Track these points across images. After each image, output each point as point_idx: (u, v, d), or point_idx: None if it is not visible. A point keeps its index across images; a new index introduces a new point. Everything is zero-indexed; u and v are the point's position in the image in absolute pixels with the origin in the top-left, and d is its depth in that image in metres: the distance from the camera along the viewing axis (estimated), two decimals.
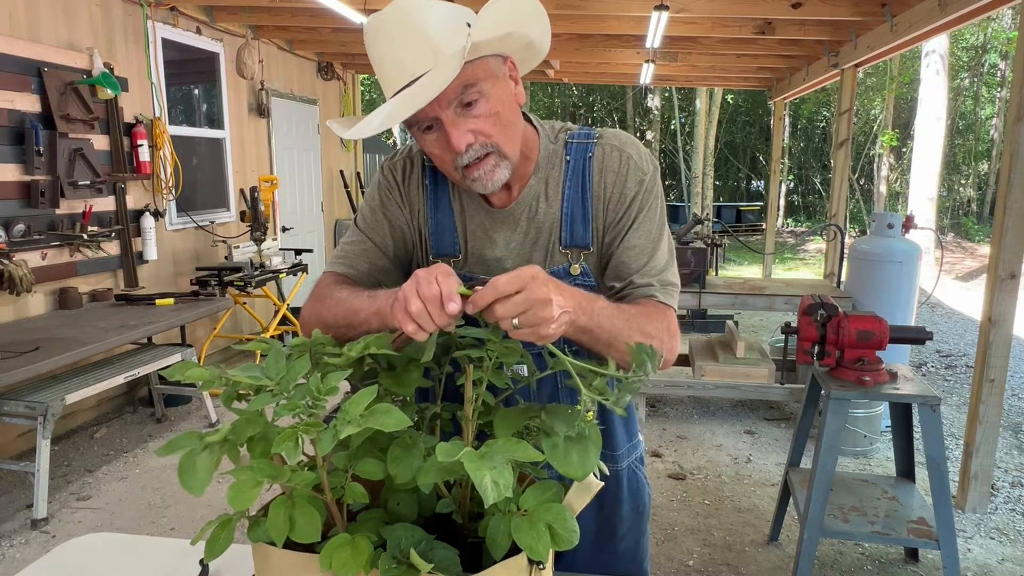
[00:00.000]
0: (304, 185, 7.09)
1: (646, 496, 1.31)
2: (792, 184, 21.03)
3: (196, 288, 4.57)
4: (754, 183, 22.27)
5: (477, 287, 0.81)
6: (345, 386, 0.79)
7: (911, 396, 2.42)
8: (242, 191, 5.78)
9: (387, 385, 0.85)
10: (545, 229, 1.14)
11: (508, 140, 1.04)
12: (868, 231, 5.82)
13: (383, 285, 1.17)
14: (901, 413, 2.75)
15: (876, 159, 16.42)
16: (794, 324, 2.66)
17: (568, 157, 1.14)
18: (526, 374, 0.93)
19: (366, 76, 10.74)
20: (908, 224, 3.94)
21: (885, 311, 3.14)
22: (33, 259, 3.71)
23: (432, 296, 0.80)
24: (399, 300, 0.83)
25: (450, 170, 1.05)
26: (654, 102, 17.78)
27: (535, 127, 1.15)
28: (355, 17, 4.66)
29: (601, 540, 1.27)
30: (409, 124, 1.02)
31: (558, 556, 1.25)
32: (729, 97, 18.90)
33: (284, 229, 6.21)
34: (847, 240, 4.75)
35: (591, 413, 0.77)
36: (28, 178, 3.69)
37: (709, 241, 4.73)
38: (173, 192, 4.79)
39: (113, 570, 1.14)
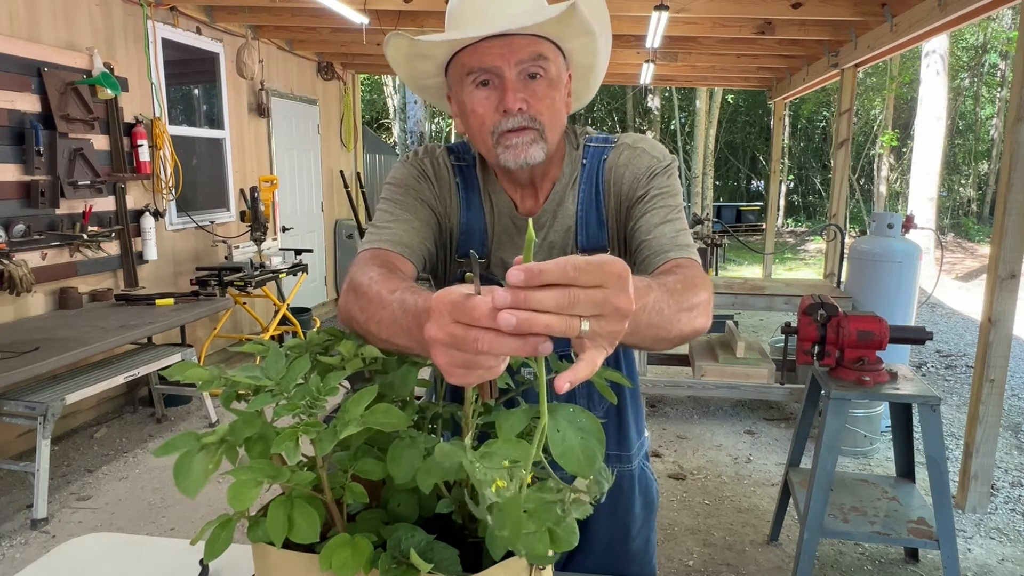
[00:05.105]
0: (304, 185, 7.09)
1: (654, 492, 1.32)
2: (792, 184, 21.03)
3: (196, 288, 4.57)
4: (754, 183, 22.27)
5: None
6: (345, 385, 0.79)
7: (911, 396, 2.42)
8: (242, 191, 5.78)
9: (382, 390, 0.85)
10: (563, 232, 1.15)
11: (552, 126, 1.04)
12: (868, 231, 5.83)
13: (424, 268, 1.12)
14: (901, 413, 2.75)
15: (876, 159, 16.42)
16: (794, 324, 2.66)
17: (584, 160, 1.15)
18: (532, 376, 0.93)
19: (366, 76, 10.71)
20: (908, 224, 3.94)
21: (885, 311, 3.14)
22: (33, 259, 3.71)
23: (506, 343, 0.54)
24: (457, 367, 0.58)
25: (486, 134, 1.03)
26: (654, 102, 17.77)
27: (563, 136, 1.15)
28: (355, 17, 4.66)
29: (614, 541, 1.27)
30: (467, 72, 1.01)
31: (570, 557, 1.25)
32: (729, 97, 18.90)
33: (284, 229, 6.21)
34: (847, 240, 4.75)
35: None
36: (28, 178, 3.69)
37: (709, 241, 4.74)
38: (173, 192, 4.79)
39: (113, 570, 1.14)
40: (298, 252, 5.70)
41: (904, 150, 16.38)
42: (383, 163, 9.93)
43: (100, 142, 4.19)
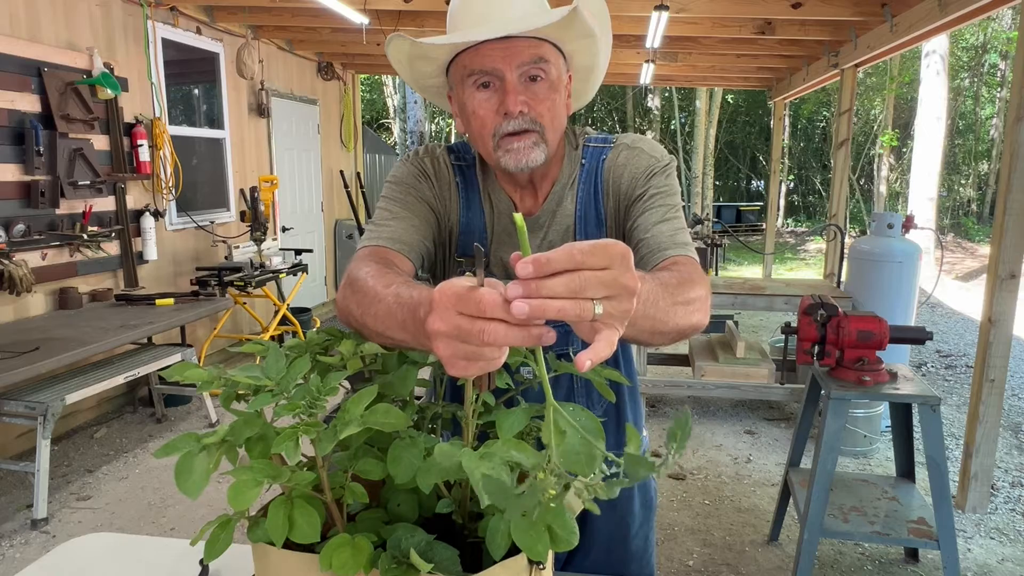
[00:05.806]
0: (304, 185, 7.09)
1: (653, 491, 1.32)
2: (792, 184, 21.03)
3: (196, 288, 4.57)
4: (754, 183, 22.27)
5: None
6: (345, 385, 0.79)
7: (911, 396, 2.42)
8: (242, 191, 5.78)
9: (382, 390, 0.85)
10: (561, 232, 1.15)
11: (553, 128, 1.05)
12: (868, 231, 5.83)
13: (422, 267, 1.14)
14: (901, 413, 2.75)
15: (876, 159, 16.42)
16: (794, 324, 2.66)
17: (583, 161, 1.16)
18: (531, 376, 0.93)
19: (366, 76, 10.69)
20: (908, 224, 3.94)
21: (885, 311, 3.15)
22: (33, 259, 3.71)
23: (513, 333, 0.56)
24: (460, 359, 0.58)
25: (487, 137, 1.04)
26: (654, 102, 17.78)
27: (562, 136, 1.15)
28: (355, 17, 4.66)
29: (614, 540, 1.28)
30: (468, 74, 1.01)
31: (570, 557, 1.26)
32: (729, 97, 18.90)
33: (284, 229, 6.21)
34: (847, 240, 4.75)
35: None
36: (28, 178, 3.69)
37: (709, 241, 4.74)
38: (173, 192, 4.79)
39: (113, 570, 1.14)
40: (298, 252, 5.70)
41: (904, 150, 16.39)
42: (383, 163, 9.93)
43: (100, 142, 4.19)
